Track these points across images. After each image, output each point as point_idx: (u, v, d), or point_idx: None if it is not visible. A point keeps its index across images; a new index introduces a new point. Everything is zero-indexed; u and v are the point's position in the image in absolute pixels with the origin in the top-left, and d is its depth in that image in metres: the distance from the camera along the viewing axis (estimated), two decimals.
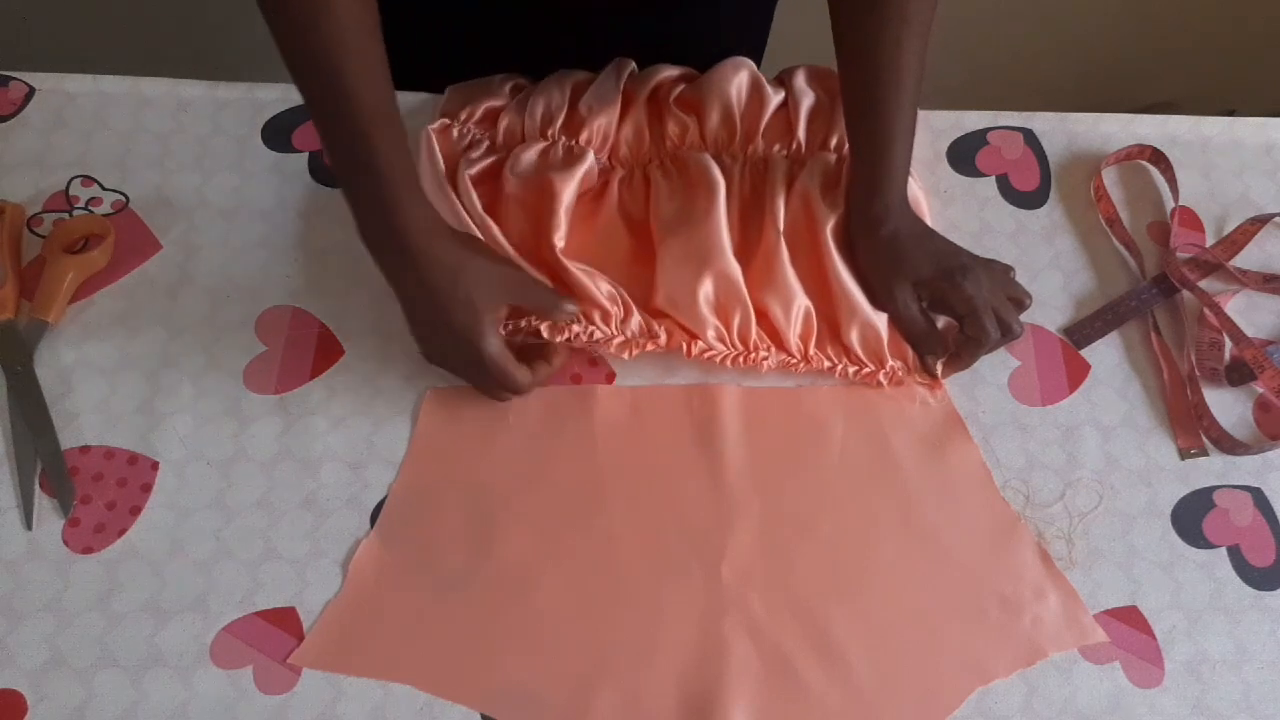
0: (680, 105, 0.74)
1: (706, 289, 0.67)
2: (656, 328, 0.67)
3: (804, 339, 0.68)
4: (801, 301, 0.68)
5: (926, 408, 0.68)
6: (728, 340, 0.67)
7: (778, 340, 0.68)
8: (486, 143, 0.74)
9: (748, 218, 0.72)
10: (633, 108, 0.74)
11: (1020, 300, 0.69)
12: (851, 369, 0.68)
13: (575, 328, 0.66)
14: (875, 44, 0.64)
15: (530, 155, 0.72)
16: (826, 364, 0.68)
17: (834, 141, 0.74)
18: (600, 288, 0.67)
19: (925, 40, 0.64)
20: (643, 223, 0.72)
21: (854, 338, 0.68)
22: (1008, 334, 0.66)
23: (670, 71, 0.76)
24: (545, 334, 0.66)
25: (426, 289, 0.61)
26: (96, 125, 0.75)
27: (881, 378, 0.68)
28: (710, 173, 0.71)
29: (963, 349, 0.68)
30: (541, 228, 0.69)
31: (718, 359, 0.67)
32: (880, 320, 0.68)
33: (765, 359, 0.67)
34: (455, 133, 0.74)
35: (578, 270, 0.66)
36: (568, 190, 0.69)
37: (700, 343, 0.67)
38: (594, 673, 0.60)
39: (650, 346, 0.67)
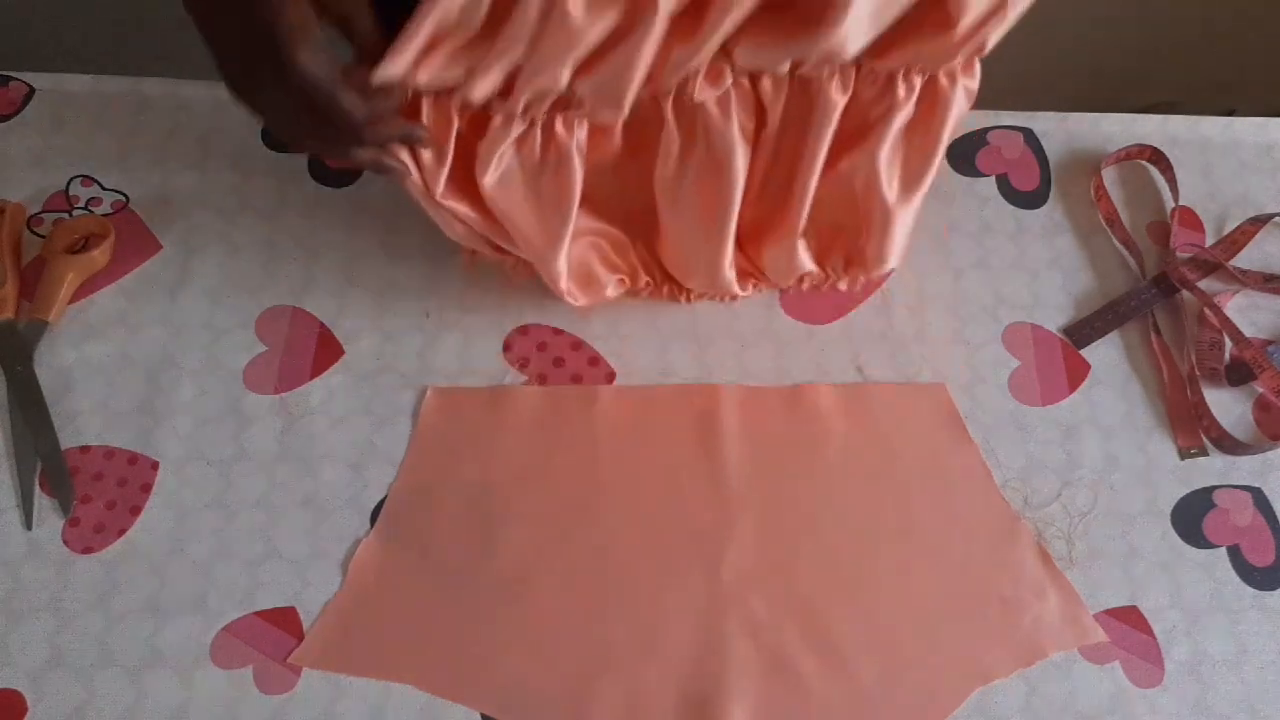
0: None
1: (716, 266, 0.65)
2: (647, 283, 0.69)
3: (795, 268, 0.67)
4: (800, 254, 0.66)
5: (926, 408, 0.68)
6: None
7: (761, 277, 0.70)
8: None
9: (782, 149, 0.60)
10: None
11: None
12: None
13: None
14: None
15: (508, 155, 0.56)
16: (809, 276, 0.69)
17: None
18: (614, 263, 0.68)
19: None
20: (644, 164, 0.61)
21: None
22: None
23: None
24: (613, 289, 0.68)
25: None
26: (96, 125, 0.75)
27: (830, 271, 0.69)
28: (732, 155, 0.57)
29: None
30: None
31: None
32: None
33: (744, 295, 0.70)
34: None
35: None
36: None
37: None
38: (594, 672, 0.60)
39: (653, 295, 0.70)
